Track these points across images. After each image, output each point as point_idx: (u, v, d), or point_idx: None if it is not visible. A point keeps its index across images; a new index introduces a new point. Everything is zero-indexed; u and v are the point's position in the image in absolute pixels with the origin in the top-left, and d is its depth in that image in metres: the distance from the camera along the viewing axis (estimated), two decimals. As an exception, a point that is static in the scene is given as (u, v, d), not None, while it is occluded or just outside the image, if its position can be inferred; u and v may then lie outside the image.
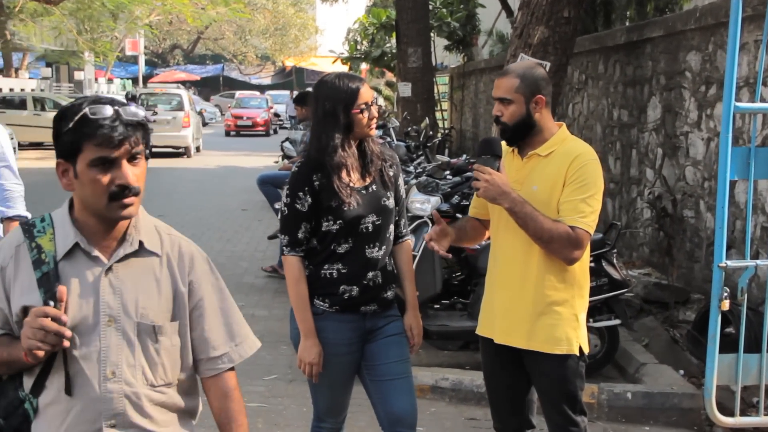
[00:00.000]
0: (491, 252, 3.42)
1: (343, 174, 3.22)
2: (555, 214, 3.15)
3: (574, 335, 3.24)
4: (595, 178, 3.18)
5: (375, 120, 3.29)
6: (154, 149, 24.05)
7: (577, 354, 3.26)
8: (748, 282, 4.22)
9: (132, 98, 9.47)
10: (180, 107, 24.61)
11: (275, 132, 36.35)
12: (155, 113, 15.49)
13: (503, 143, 3.34)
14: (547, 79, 3.31)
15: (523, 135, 3.25)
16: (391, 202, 3.32)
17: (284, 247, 3.27)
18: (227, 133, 35.69)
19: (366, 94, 3.25)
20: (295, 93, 19.72)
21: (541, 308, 3.22)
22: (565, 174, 3.15)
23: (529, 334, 3.24)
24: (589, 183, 3.15)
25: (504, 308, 3.30)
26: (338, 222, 3.20)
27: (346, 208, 3.19)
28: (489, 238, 3.53)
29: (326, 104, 3.22)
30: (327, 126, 3.22)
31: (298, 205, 3.22)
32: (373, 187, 3.29)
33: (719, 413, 4.63)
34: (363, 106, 3.22)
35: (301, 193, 3.21)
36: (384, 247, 3.31)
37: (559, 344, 3.22)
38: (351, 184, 3.23)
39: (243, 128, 35.92)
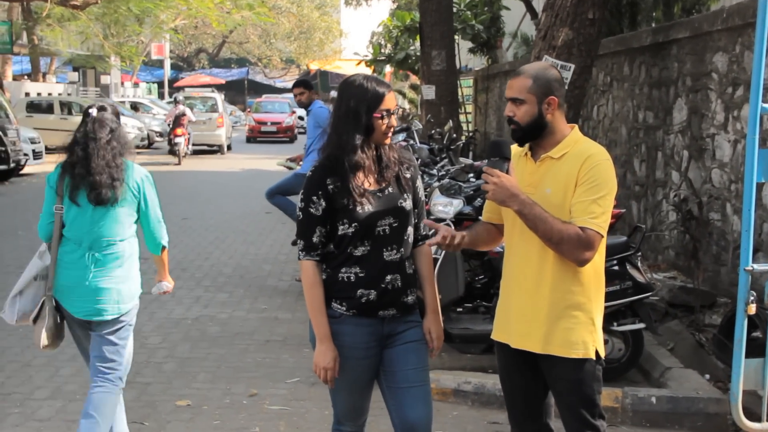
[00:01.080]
0: (506, 257, 3.41)
1: (359, 175, 3.22)
2: (569, 216, 3.13)
3: (590, 339, 3.23)
4: (607, 179, 3.16)
5: (392, 129, 3.27)
6: (193, 146, 25.66)
7: (594, 358, 3.25)
8: (775, 285, 4.17)
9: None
10: (215, 109, 27.86)
11: (294, 139, 34.60)
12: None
13: (516, 146, 3.33)
14: (560, 81, 3.30)
15: (535, 136, 3.24)
16: (408, 204, 3.31)
17: (300, 252, 3.27)
18: (248, 140, 34.09)
19: (390, 101, 3.24)
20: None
21: (557, 312, 3.20)
22: (577, 175, 3.14)
23: (545, 339, 3.22)
24: (600, 183, 3.13)
25: (520, 312, 3.29)
26: (353, 225, 3.19)
27: (359, 209, 3.18)
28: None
29: (351, 103, 3.21)
30: (348, 125, 3.21)
31: (312, 209, 3.21)
32: (389, 189, 3.28)
33: (746, 418, 4.58)
34: (384, 112, 3.21)
35: (315, 197, 3.21)
36: (402, 250, 3.29)
37: (575, 348, 3.20)
38: (365, 187, 3.22)
39: (267, 134, 34.05)
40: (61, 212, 4.29)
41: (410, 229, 3.34)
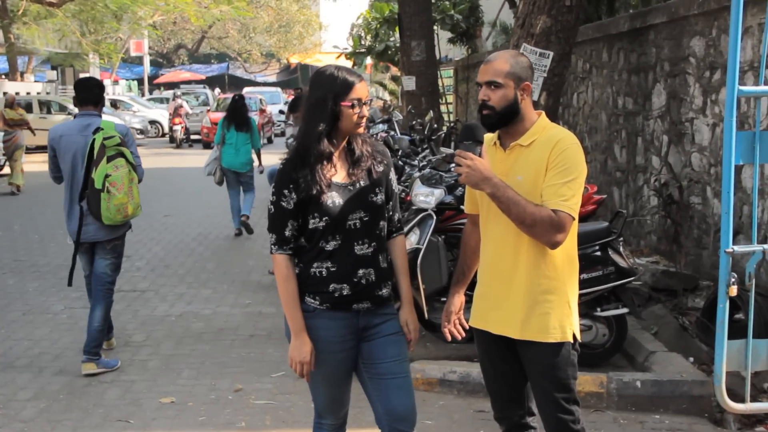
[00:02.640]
0: (482, 244, 3.41)
1: (327, 166, 3.19)
2: (540, 201, 3.15)
3: (567, 322, 3.25)
4: (576, 162, 3.17)
5: (365, 119, 3.25)
6: (191, 137, 28.61)
7: (571, 341, 3.27)
8: (756, 267, 4.20)
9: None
10: (206, 103, 32.34)
11: (270, 141, 28.72)
12: None
13: (486, 135, 3.33)
14: (531, 68, 3.32)
15: (507, 121, 3.24)
16: (379, 198, 3.28)
17: (272, 245, 3.25)
18: (205, 145, 26.42)
19: (361, 90, 3.20)
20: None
21: (533, 297, 3.22)
22: (547, 160, 3.16)
23: (522, 324, 3.24)
24: (570, 167, 3.14)
25: (497, 299, 3.31)
26: (324, 218, 3.17)
27: (329, 203, 3.16)
28: None
29: (318, 92, 3.20)
30: (315, 114, 3.19)
31: (284, 203, 3.19)
32: (360, 183, 3.25)
33: (730, 400, 4.60)
34: (355, 101, 3.18)
35: (286, 191, 3.18)
36: (375, 243, 3.27)
37: (552, 332, 3.22)
38: (333, 179, 3.20)
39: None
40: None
41: (383, 223, 3.32)
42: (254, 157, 11.25)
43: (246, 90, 36.24)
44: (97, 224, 5.75)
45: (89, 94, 5.92)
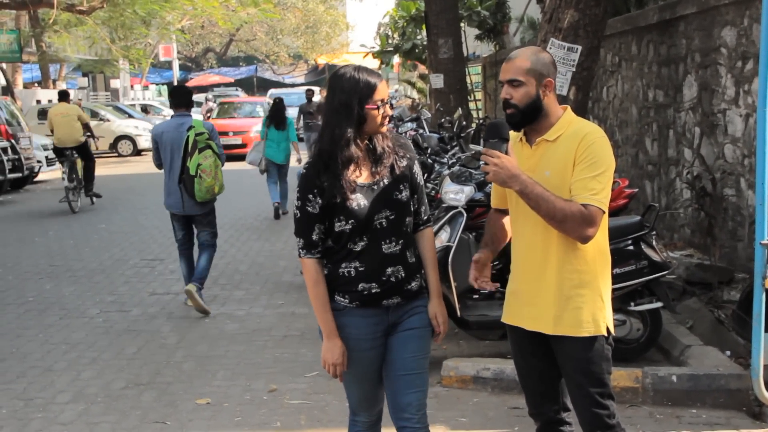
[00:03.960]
0: (512, 241, 3.41)
1: (351, 169, 3.19)
2: (569, 195, 3.14)
3: (600, 316, 3.24)
4: (604, 156, 3.16)
5: (387, 119, 3.25)
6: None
7: (605, 335, 3.26)
8: (792, 258, 4.14)
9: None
10: None
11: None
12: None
13: (511, 131, 3.33)
14: (554, 64, 3.32)
15: (532, 119, 3.24)
16: (404, 195, 3.27)
17: (300, 250, 3.25)
18: None
19: (382, 90, 3.21)
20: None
21: (565, 293, 3.22)
22: (575, 154, 3.15)
23: (555, 320, 3.23)
24: (598, 161, 3.13)
25: (529, 296, 3.30)
26: (350, 221, 3.17)
27: (354, 205, 3.16)
28: None
29: (342, 96, 3.18)
30: (341, 118, 3.18)
31: (309, 208, 3.19)
32: (384, 182, 3.24)
33: None
34: (379, 103, 3.18)
35: (311, 195, 3.19)
36: (402, 240, 3.26)
37: (586, 326, 3.22)
38: (357, 181, 3.20)
39: (228, 149, 20.35)
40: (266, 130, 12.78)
41: (409, 219, 3.31)
42: (293, 148, 13.42)
43: (271, 92, 36.48)
44: (192, 201, 7.41)
45: (182, 99, 7.65)
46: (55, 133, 14.36)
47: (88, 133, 14.71)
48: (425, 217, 3.43)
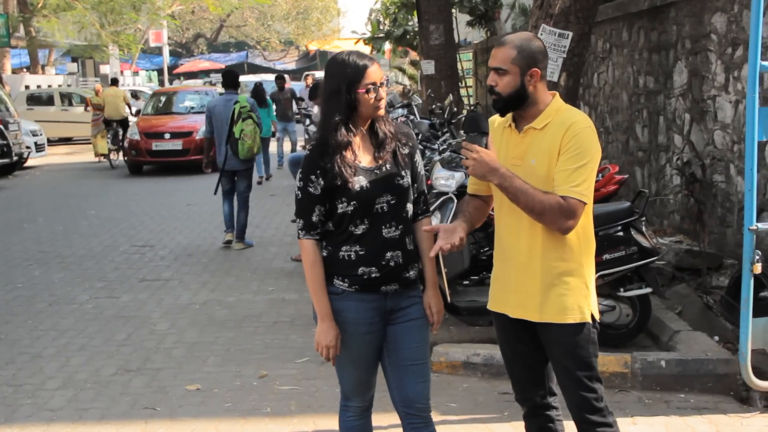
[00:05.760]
0: (497, 229, 3.42)
1: (348, 154, 3.19)
2: (552, 185, 3.14)
3: (585, 303, 3.26)
4: (589, 146, 3.16)
5: (383, 101, 3.24)
6: None
7: (590, 321, 3.27)
8: (780, 244, 4.15)
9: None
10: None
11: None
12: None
13: (499, 117, 3.34)
14: (544, 52, 3.28)
15: (515, 106, 3.24)
16: (406, 181, 3.29)
17: (299, 231, 3.26)
18: (130, 168, 18.02)
19: (374, 74, 3.19)
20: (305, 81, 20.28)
21: (550, 280, 3.23)
22: (560, 143, 3.15)
23: (540, 307, 3.25)
24: (582, 151, 3.13)
25: (514, 283, 3.31)
26: (352, 203, 3.18)
27: (356, 188, 3.16)
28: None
29: (332, 82, 3.19)
30: (331, 105, 3.19)
31: (311, 189, 3.20)
32: (387, 167, 3.25)
33: (755, 377, 4.59)
34: (370, 86, 3.17)
35: (313, 177, 3.19)
36: (402, 226, 3.27)
37: (571, 313, 3.23)
38: (358, 164, 3.21)
39: (164, 156, 17.48)
40: None
41: (409, 206, 3.32)
42: (272, 126, 15.73)
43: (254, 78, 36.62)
44: (236, 159, 9.58)
45: (231, 80, 10.07)
46: (105, 110, 19.39)
47: (129, 111, 20.00)
48: (424, 207, 3.44)
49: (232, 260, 9.24)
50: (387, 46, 25.63)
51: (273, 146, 17.03)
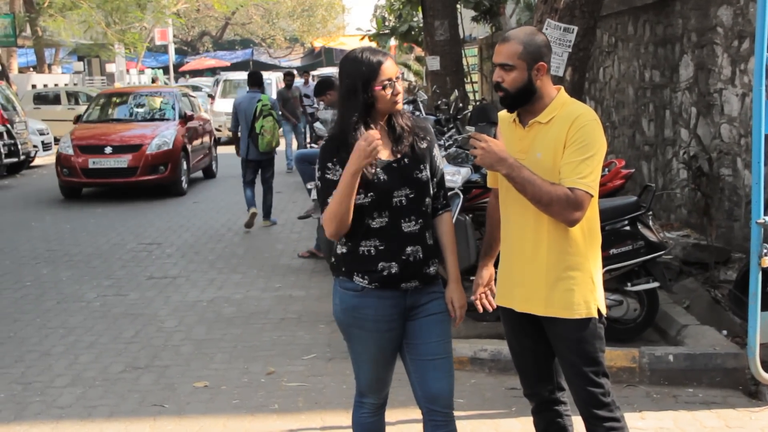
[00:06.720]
0: (503, 223, 3.42)
1: None
2: (559, 178, 3.14)
3: (591, 298, 3.25)
4: (595, 139, 3.16)
5: (401, 95, 3.24)
6: None
7: (596, 316, 3.26)
8: (788, 237, 4.14)
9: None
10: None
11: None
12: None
13: (504, 112, 3.34)
14: (548, 46, 3.28)
15: (523, 102, 3.24)
16: (424, 175, 3.27)
17: (322, 216, 3.25)
18: (63, 190, 14.20)
19: (389, 69, 3.18)
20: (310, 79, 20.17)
21: (556, 274, 3.22)
22: (566, 136, 3.15)
23: (546, 301, 3.24)
24: (588, 144, 3.13)
25: (520, 277, 3.31)
26: (369, 194, 3.17)
27: (374, 180, 3.16)
28: None
29: (347, 81, 3.19)
30: (348, 103, 3.19)
31: (329, 175, 3.21)
32: (405, 161, 3.25)
33: (764, 372, 4.57)
34: (386, 82, 3.16)
35: (330, 164, 3.21)
36: (421, 221, 3.26)
37: (577, 309, 3.22)
38: (378, 157, 3.19)
39: (103, 177, 13.84)
40: None
41: (428, 200, 3.31)
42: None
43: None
44: (257, 151, 10.70)
45: (255, 80, 11.30)
46: None
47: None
48: (444, 201, 3.42)
49: (239, 258, 9.25)
50: (392, 42, 25.56)
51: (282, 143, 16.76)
